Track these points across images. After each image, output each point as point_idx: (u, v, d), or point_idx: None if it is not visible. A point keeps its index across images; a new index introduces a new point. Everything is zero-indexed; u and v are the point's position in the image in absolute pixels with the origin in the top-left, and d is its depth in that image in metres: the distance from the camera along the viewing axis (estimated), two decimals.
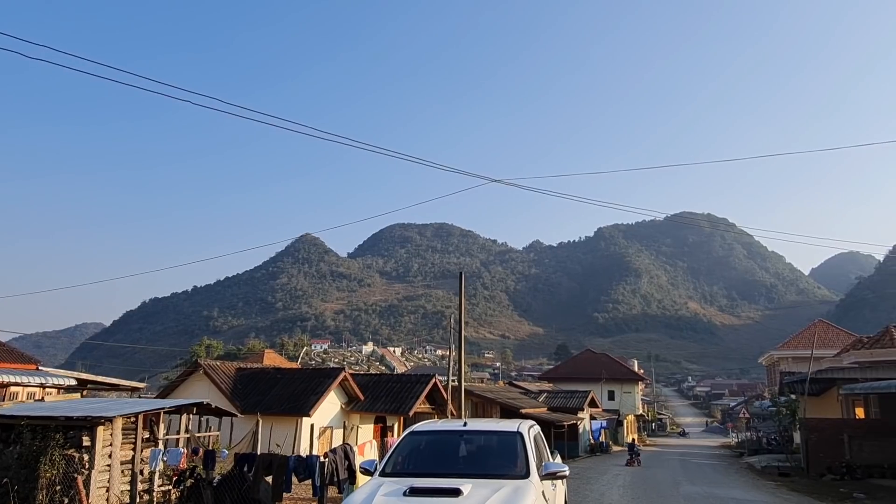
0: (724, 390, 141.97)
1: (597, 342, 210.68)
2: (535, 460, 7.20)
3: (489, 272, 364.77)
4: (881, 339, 32.49)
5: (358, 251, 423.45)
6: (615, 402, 61.73)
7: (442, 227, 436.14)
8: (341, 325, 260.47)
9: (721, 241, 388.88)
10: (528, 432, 7.71)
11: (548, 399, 43.95)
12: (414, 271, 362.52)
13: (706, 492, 19.77)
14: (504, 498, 6.00)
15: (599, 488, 19.47)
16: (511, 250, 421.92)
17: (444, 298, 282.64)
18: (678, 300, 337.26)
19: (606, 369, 62.89)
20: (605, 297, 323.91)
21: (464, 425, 8.22)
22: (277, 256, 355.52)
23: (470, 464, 7.50)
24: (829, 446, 25.96)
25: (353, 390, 23.87)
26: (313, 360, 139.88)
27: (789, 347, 51.70)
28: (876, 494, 19.35)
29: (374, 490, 6.37)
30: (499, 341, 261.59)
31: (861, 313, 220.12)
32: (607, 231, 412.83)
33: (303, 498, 14.50)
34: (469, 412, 33.81)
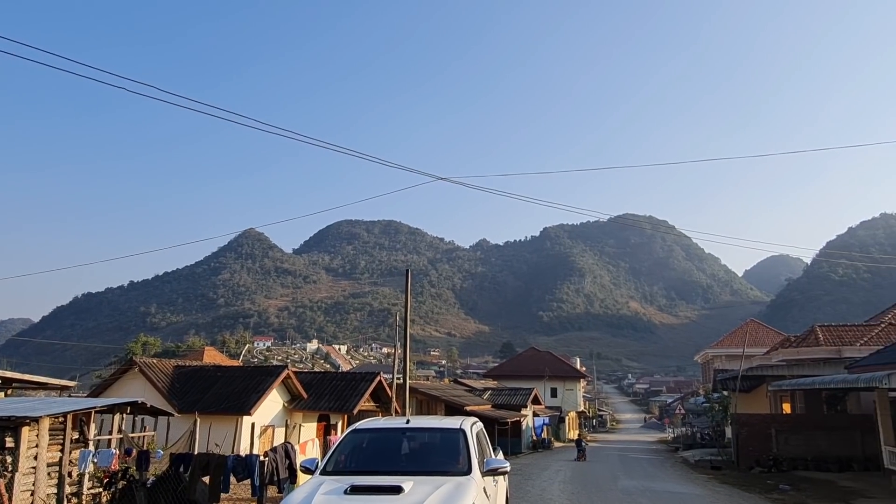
0: (662, 387, 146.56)
1: (541, 340, 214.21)
2: (478, 457, 7.24)
3: (436, 270, 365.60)
4: (807, 339, 34.17)
5: (304, 247, 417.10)
6: (558, 399, 62.82)
7: (390, 224, 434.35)
8: (285, 322, 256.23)
9: (662, 242, 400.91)
10: (470, 429, 7.75)
11: (492, 396, 44.36)
12: (361, 268, 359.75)
13: (643, 486, 20.35)
14: (445, 495, 6.01)
15: (541, 484, 19.78)
16: (458, 248, 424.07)
17: (391, 296, 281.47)
18: (620, 300, 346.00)
19: (550, 367, 63.95)
20: (550, 296, 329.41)
21: (406, 423, 8.21)
22: (220, 251, 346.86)
23: (412, 461, 7.49)
24: (757, 440, 27.14)
25: (297, 388, 23.51)
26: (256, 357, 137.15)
27: (723, 346, 53.80)
28: (800, 486, 20.34)
29: (315, 489, 6.29)
30: (445, 339, 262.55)
31: (790, 313, 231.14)
32: (553, 231, 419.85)
33: (241, 498, 14.19)
34: (414, 410, 33.81)
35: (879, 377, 16.54)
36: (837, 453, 25.20)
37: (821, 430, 26.55)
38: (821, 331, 33.23)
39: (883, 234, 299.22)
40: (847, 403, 29.30)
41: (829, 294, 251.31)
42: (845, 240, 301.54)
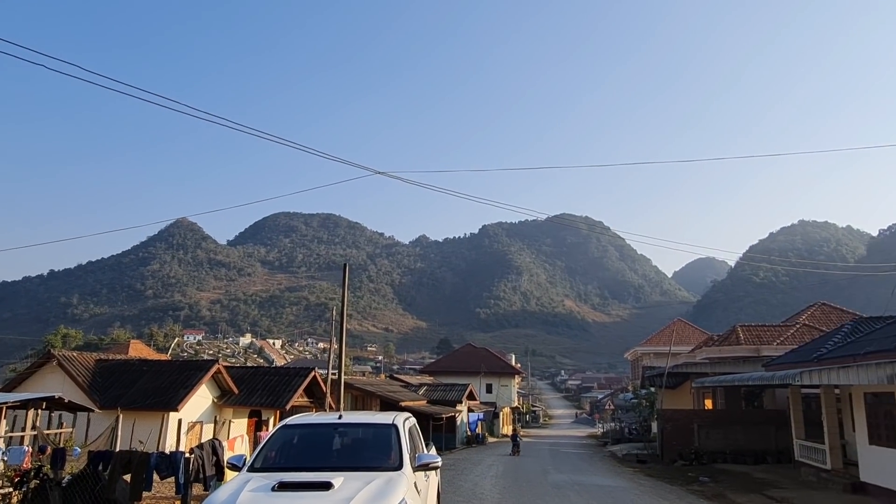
0: (594, 384, 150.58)
1: (478, 337, 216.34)
2: (409, 452, 7.24)
3: (375, 265, 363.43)
4: (728, 338, 35.80)
5: (239, 239, 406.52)
6: (492, 394, 63.59)
7: (329, 217, 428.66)
8: (218, 315, 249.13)
9: (597, 242, 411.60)
10: (403, 425, 7.73)
11: (428, 392, 44.48)
12: (298, 262, 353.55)
13: (572, 479, 20.87)
14: (375, 490, 5.98)
15: (473, 479, 19.98)
16: (398, 244, 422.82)
17: (328, 290, 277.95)
18: (555, 298, 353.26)
19: (485, 363, 64.65)
20: (488, 293, 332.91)
21: (338, 418, 8.12)
22: (149, 241, 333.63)
23: (343, 457, 7.42)
24: (681, 435, 28.27)
25: (227, 383, 22.90)
26: (185, 351, 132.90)
27: (651, 344, 55.77)
28: (718, 477, 21.32)
29: (241, 486, 6.13)
30: (382, 334, 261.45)
31: (714, 313, 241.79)
32: (492, 229, 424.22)
33: (165, 496, 13.71)
34: (349, 405, 33.52)
35: (793, 375, 17.47)
36: (753, 447, 26.55)
37: (739, 425, 27.92)
38: (741, 330, 34.87)
39: (800, 241, 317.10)
40: (763, 400, 30.89)
41: (750, 295, 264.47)
42: (766, 244, 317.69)
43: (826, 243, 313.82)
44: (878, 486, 16.47)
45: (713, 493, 17.80)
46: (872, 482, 16.85)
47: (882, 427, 16.48)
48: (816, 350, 21.99)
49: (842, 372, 16.78)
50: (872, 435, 17.00)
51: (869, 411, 17.21)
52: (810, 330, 32.20)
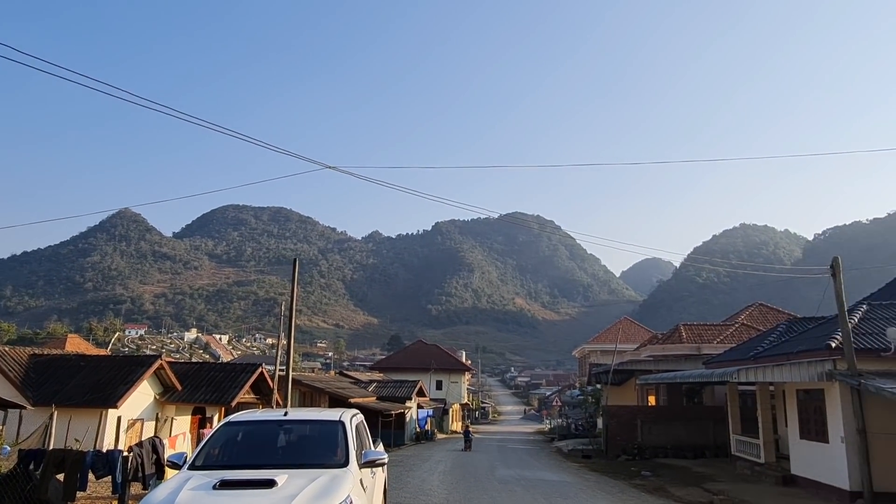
0: (542, 380, 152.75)
1: (429, 333, 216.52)
2: (356, 449, 7.20)
3: (327, 260, 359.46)
4: (672, 336, 36.88)
5: (185, 231, 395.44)
6: (443, 391, 63.81)
7: (280, 211, 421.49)
8: (162, 309, 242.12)
9: (548, 241, 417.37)
10: (350, 421, 7.69)
11: (377, 389, 44.32)
12: (247, 255, 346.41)
13: (518, 474, 21.14)
14: (320, 487, 5.93)
15: (421, 475, 20.02)
16: (350, 239, 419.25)
17: (277, 285, 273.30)
18: (506, 295, 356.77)
19: (436, 360, 64.82)
20: (440, 290, 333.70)
21: (284, 415, 8.02)
22: (90, 232, 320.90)
23: (289, 454, 7.33)
24: (625, 430, 29.00)
25: (170, 380, 22.27)
26: (127, 346, 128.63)
27: (598, 342, 56.94)
28: (660, 472, 21.97)
29: (181, 484, 5.98)
30: (333, 330, 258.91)
31: (659, 312, 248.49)
32: (444, 226, 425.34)
33: (101, 496, 13.25)
34: (297, 402, 33.08)
35: (731, 372, 18.13)
36: (693, 442, 27.46)
37: (680, 421, 28.81)
38: (684, 329, 35.98)
39: (741, 243, 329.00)
40: (704, 396, 31.95)
41: (693, 295, 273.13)
42: (710, 246, 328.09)
43: (765, 246, 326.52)
44: (807, 478, 17.27)
45: (654, 487, 18.32)
46: (802, 475, 17.66)
47: (812, 422, 17.27)
48: (753, 349, 22.87)
49: (776, 370, 17.52)
50: (803, 430, 17.80)
51: (800, 407, 18.01)
52: (748, 329, 33.47)
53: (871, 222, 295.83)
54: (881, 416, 14.68)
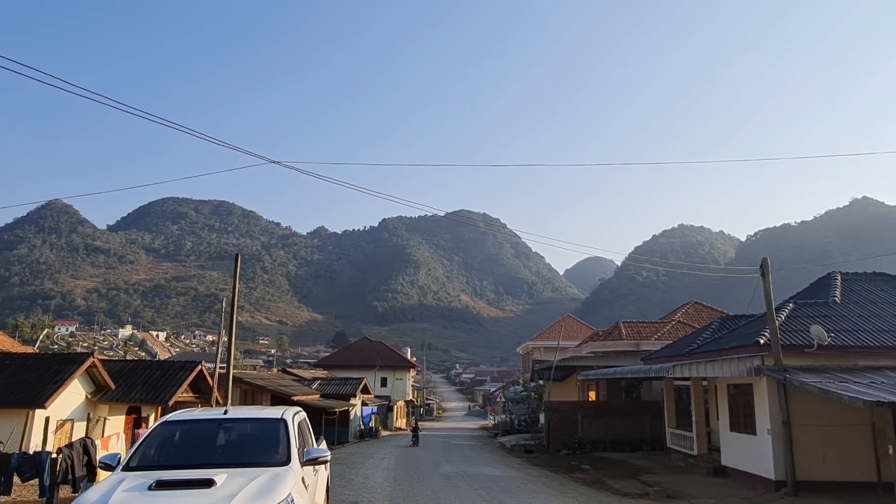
0: (487, 377, 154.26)
1: (375, 330, 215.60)
2: (298, 447, 7.13)
3: (271, 256, 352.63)
4: (612, 333, 37.83)
5: (121, 224, 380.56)
6: (387, 388, 63.63)
7: (222, 205, 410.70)
8: (95, 305, 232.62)
9: (493, 240, 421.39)
10: (292, 419, 7.61)
11: (321, 386, 43.86)
12: (187, 250, 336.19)
13: (462, 470, 21.33)
14: (261, 486, 5.85)
15: (365, 472, 19.94)
16: (295, 235, 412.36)
17: (219, 280, 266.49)
18: (452, 292, 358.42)
19: (381, 357, 64.57)
20: (386, 287, 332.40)
21: (224, 413, 7.86)
22: (16, 223, 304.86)
23: (228, 453, 7.20)
24: (566, 425, 29.61)
25: (103, 378, 21.42)
26: (56, 344, 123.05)
27: (542, 339, 57.85)
28: (599, 465, 22.55)
29: (114, 486, 5.80)
30: (276, 327, 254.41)
31: (601, 310, 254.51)
32: (391, 222, 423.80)
33: (28, 500, 12.66)
34: (238, 400, 32.38)
35: (667, 368, 18.77)
36: (631, 435, 28.28)
37: (619, 416, 29.63)
38: (624, 326, 36.98)
39: (679, 243, 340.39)
40: (641, 391, 32.95)
41: (633, 293, 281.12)
42: (650, 246, 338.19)
43: (701, 246, 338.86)
44: (736, 468, 18.06)
45: (593, 480, 18.80)
46: (731, 466, 18.45)
47: (741, 416, 18.06)
48: (688, 345, 23.74)
49: (709, 365, 18.24)
50: (733, 423, 18.60)
51: (731, 401, 18.80)
52: (684, 326, 34.66)
53: (799, 225, 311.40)
54: (804, 409, 15.48)
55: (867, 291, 20.50)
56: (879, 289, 20.79)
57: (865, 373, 15.54)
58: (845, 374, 15.29)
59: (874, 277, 22.00)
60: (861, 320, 18.22)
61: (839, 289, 20.43)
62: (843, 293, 20.12)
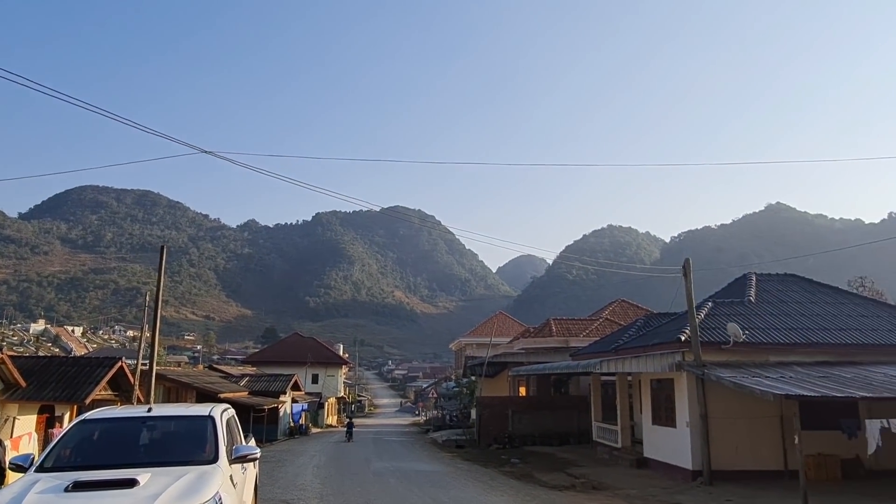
0: (419, 373, 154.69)
1: (307, 326, 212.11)
2: (226, 445, 6.99)
3: (198, 248, 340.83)
4: (543, 330, 38.68)
5: (34, 212, 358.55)
6: (318, 385, 62.82)
7: (146, 195, 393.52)
8: (3, 298, 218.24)
9: (428, 236, 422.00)
10: (220, 416, 7.44)
11: (250, 383, 42.83)
12: (107, 241, 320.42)
13: (393, 466, 21.34)
14: (186, 485, 5.69)
15: (294, 470, 19.64)
16: (224, 227, 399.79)
17: (141, 273, 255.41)
18: (386, 288, 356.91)
19: (313, 353, 63.62)
20: (319, 282, 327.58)
21: (148, 411, 7.61)
22: None
23: (153, 452, 7.00)
24: (497, 420, 30.08)
25: (12, 375, 20.13)
26: None
27: (474, 335, 58.50)
28: (528, 459, 23.03)
29: (26, 487, 5.51)
30: (203, 323, 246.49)
31: (532, 307, 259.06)
32: (325, 217, 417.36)
33: None
34: (161, 398, 31.20)
35: (594, 363, 19.39)
36: (559, 429, 29.02)
37: (548, 410, 30.34)
38: (554, 323, 37.88)
39: (608, 243, 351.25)
40: (570, 386, 33.86)
41: (564, 291, 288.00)
42: (580, 245, 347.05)
43: (629, 246, 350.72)
44: (657, 460, 18.86)
45: (522, 474, 19.19)
46: (653, 457, 19.24)
47: (662, 409, 18.86)
48: (615, 342, 24.57)
49: (633, 361, 18.94)
50: (655, 416, 19.40)
51: (653, 395, 19.60)
52: (611, 324, 35.84)
53: (719, 228, 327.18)
54: (720, 403, 16.32)
55: (779, 292, 21.79)
56: (790, 289, 22.14)
57: (776, 368, 16.54)
58: (758, 370, 16.22)
59: (785, 279, 23.41)
60: (773, 319, 19.36)
61: (754, 289, 21.61)
62: (757, 293, 21.30)
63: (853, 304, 21.24)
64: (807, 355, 17.54)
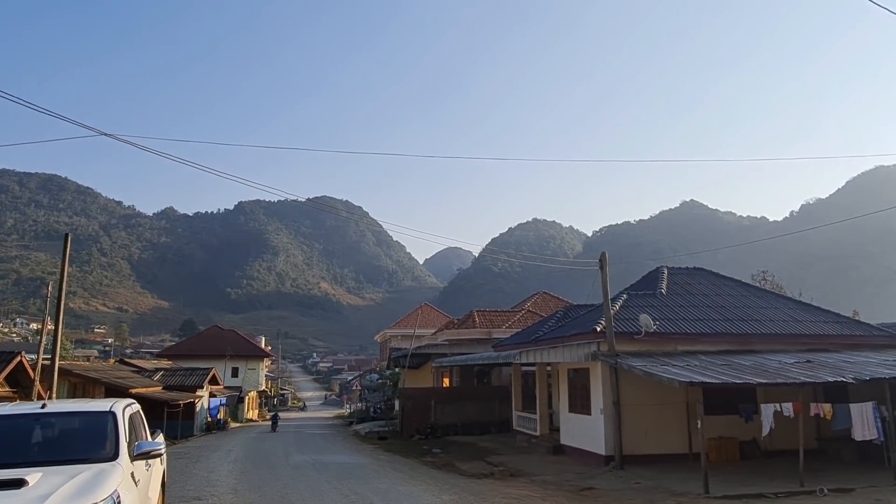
0: (345, 365, 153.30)
1: (227, 318, 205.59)
2: (128, 441, 6.71)
3: (110, 237, 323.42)
4: (466, 321, 39.15)
5: None
6: (239, 378, 61.25)
7: (52, 179, 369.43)
8: None
9: (355, 227, 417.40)
10: (122, 412, 7.13)
11: (165, 377, 41.16)
12: (7, 228, 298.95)
13: (313, 459, 21.07)
14: (81, 484, 5.42)
15: (209, 465, 19.05)
16: (140, 215, 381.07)
17: (46, 263, 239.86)
18: (312, 280, 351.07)
19: (233, 346, 61.90)
20: (241, 273, 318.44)
21: (42, 407, 7.21)
22: None
23: (47, 450, 6.65)
24: (420, 411, 30.23)
25: None
26: None
27: (399, 327, 58.50)
28: (449, 448, 23.29)
29: None
30: (115, 315, 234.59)
31: (458, 299, 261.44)
32: (248, 206, 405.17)
33: None
34: (66, 394, 29.51)
35: (514, 354, 19.82)
36: (481, 419, 29.48)
37: (470, 401, 30.77)
38: (477, 315, 38.42)
39: (533, 236, 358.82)
40: (492, 377, 34.46)
41: (489, 283, 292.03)
42: (506, 238, 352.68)
43: (553, 240, 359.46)
44: (573, 446, 19.50)
45: (443, 463, 19.39)
46: (569, 444, 19.88)
47: (578, 398, 19.50)
48: (535, 333, 25.16)
49: (552, 351, 19.47)
50: (572, 404, 20.03)
51: (570, 384, 20.23)
52: (533, 315, 36.70)
53: (638, 223, 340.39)
54: (632, 390, 17.03)
55: (688, 285, 22.92)
56: (698, 282, 23.34)
57: (683, 357, 17.42)
58: (667, 358, 17.02)
59: (694, 272, 24.65)
60: (682, 310, 20.36)
61: (665, 282, 22.64)
62: (668, 286, 22.32)
63: (755, 297, 22.64)
64: (711, 344, 18.57)
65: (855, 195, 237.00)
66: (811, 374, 14.77)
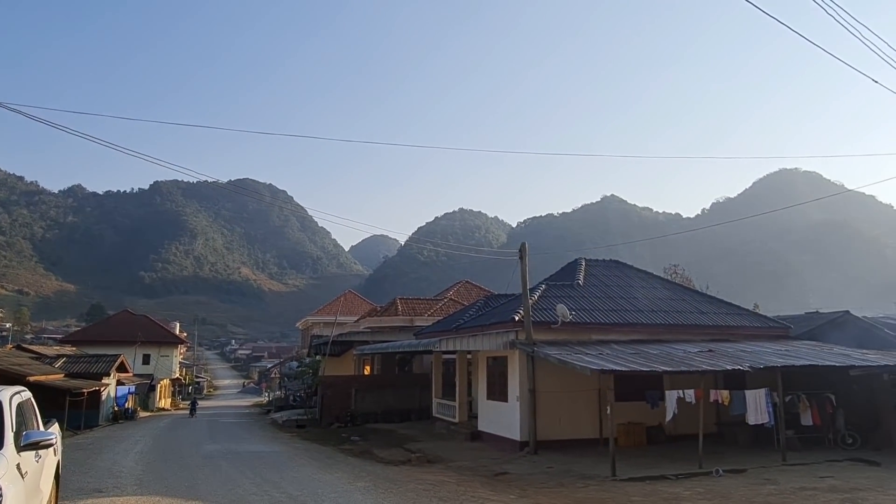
0: (265, 353, 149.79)
1: (141, 303, 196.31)
2: (14, 431, 6.27)
3: (10, 215, 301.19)
4: (389, 309, 39.04)
5: None
6: (150, 366, 58.69)
7: None
8: None
9: (279, 212, 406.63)
10: (9, 400, 6.65)
11: (67, 364, 38.86)
12: None
13: (226, 448, 20.48)
14: None
15: (113, 457, 18.15)
16: (44, 192, 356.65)
17: None
18: (232, 264, 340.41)
19: (144, 332, 59.17)
20: (155, 256, 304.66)
21: None
22: None
23: None
24: (340, 399, 29.98)
25: None
26: None
27: (322, 314, 57.66)
28: (368, 436, 23.22)
29: None
30: (14, 298, 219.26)
31: (383, 287, 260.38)
32: (165, 186, 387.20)
33: None
34: None
35: (434, 342, 19.93)
36: (401, 407, 29.55)
37: (391, 388, 30.77)
38: (400, 303, 38.37)
39: (459, 226, 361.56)
40: (414, 365, 34.57)
41: (415, 272, 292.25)
42: (432, 227, 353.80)
43: (478, 230, 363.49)
44: (490, 433, 19.85)
45: (361, 451, 19.29)
46: (486, 430, 20.22)
47: (497, 385, 19.84)
48: (456, 321, 25.38)
49: (472, 339, 19.69)
50: (490, 392, 20.36)
51: (489, 372, 20.55)
52: (455, 304, 37.02)
53: (560, 216, 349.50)
54: (547, 378, 17.49)
55: (604, 276, 23.71)
56: (613, 274, 24.18)
57: (597, 346, 18.03)
58: (581, 347, 17.58)
59: (610, 264, 25.53)
60: (597, 301, 21.05)
61: (583, 273, 23.32)
62: (585, 277, 23.01)
63: (665, 289, 23.69)
64: (623, 334, 19.31)
65: (760, 195, 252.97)
66: (712, 362, 15.63)
